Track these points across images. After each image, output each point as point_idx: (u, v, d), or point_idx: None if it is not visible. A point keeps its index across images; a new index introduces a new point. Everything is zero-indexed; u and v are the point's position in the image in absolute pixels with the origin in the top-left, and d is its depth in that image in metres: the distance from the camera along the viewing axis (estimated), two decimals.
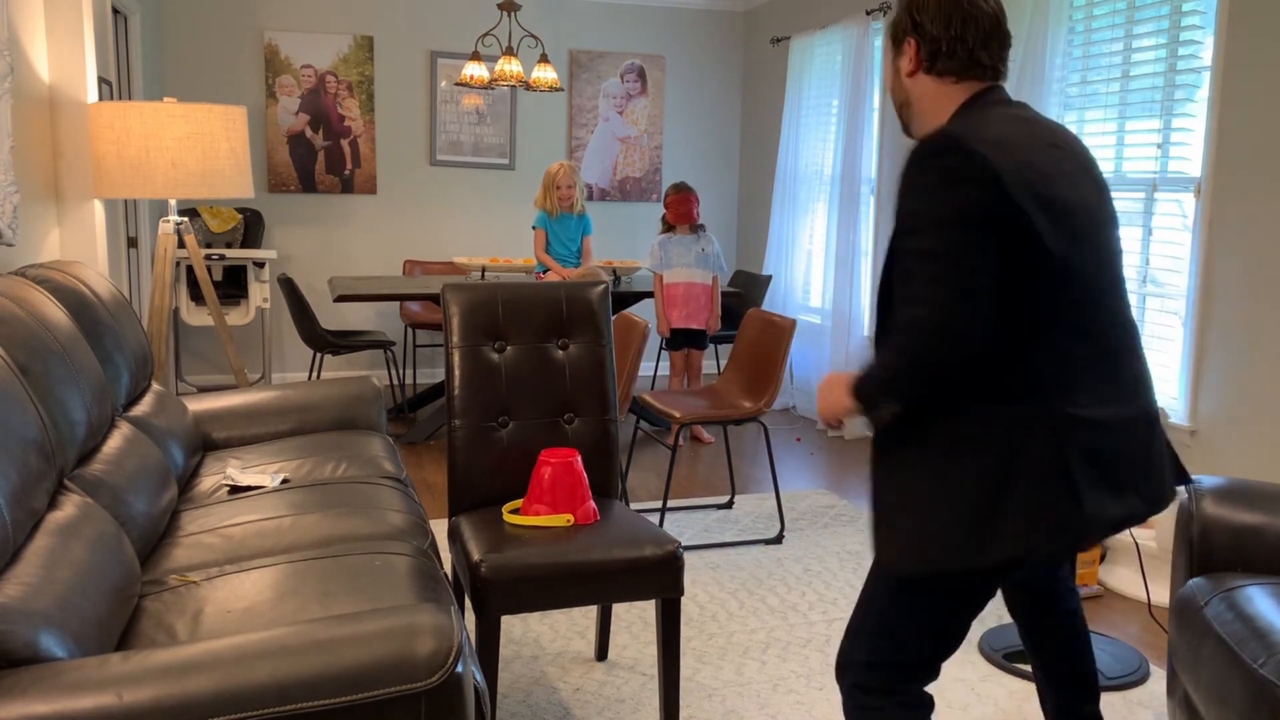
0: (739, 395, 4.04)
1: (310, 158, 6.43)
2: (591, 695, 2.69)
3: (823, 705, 2.66)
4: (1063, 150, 1.68)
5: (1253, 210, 3.42)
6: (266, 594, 1.93)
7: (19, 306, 2.11)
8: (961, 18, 1.70)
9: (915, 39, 1.74)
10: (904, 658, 1.73)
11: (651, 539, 2.36)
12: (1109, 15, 4.03)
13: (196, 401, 3.17)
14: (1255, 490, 2.24)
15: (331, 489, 2.58)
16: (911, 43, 1.75)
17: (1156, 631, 3.17)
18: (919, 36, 1.74)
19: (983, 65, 1.72)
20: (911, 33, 1.75)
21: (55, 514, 1.80)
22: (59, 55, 3.33)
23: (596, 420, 2.69)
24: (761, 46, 6.91)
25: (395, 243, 6.68)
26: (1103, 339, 1.66)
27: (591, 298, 2.73)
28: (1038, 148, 1.64)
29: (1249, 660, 1.79)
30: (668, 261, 5.28)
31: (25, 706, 1.28)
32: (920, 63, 1.75)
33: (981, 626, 3.14)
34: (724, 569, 3.60)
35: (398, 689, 1.37)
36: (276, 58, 6.28)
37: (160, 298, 3.73)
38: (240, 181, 3.51)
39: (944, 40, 1.71)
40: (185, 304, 5.72)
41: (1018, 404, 1.61)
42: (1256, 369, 3.42)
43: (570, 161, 5.50)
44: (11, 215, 2.84)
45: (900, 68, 1.79)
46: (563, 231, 5.43)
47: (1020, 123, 1.67)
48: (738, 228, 7.36)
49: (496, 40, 5.82)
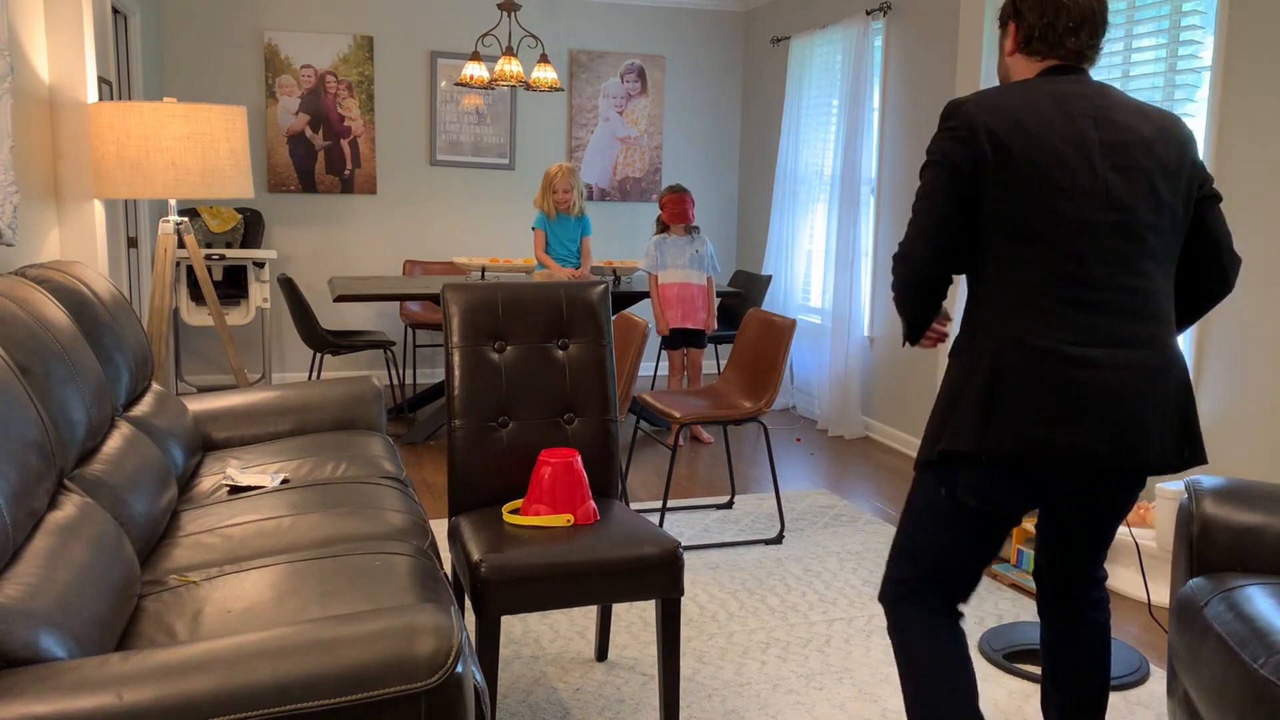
0: (739, 395, 4.04)
1: (310, 158, 6.43)
2: (591, 695, 2.69)
3: (823, 705, 2.66)
4: (1097, 123, 1.84)
5: (1253, 210, 3.42)
6: (266, 594, 1.93)
7: (19, 306, 2.12)
8: (1055, 7, 1.90)
9: (1015, 24, 1.96)
10: (920, 570, 2.01)
11: (651, 539, 2.36)
12: (1109, 15, 4.03)
13: (196, 401, 3.17)
14: (1255, 490, 2.24)
15: (331, 489, 2.58)
16: (1013, 26, 1.97)
17: (1156, 631, 3.17)
18: (1018, 22, 1.95)
19: (1068, 49, 1.91)
20: (1013, 18, 1.96)
21: (55, 514, 1.80)
22: (59, 55, 3.33)
23: (596, 420, 2.69)
24: (761, 46, 6.91)
25: (395, 243, 6.68)
26: (1092, 288, 1.81)
27: (591, 298, 2.73)
28: (1050, 112, 1.83)
29: (1249, 660, 1.79)
30: (662, 262, 5.29)
31: (25, 706, 1.28)
32: (1018, 44, 1.96)
33: (981, 627, 3.15)
34: (724, 569, 3.60)
35: (398, 689, 1.37)
36: (276, 58, 6.28)
37: (160, 298, 3.73)
38: (240, 181, 3.51)
39: (1038, 26, 1.91)
40: (185, 304, 5.72)
41: (985, 328, 1.87)
42: (1256, 369, 3.42)
43: (570, 163, 5.50)
44: (11, 215, 2.84)
45: (1004, 47, 2.01)
46: (562, 232, 5.43)
47: (1051, 92, 1.86)
48: (737, 228, 7.36)
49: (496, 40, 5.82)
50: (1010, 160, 1.81)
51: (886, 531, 4.02)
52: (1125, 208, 1.83)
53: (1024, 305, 1.83)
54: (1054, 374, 1.80)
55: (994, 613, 3.25)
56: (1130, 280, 1.83)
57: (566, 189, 5.32)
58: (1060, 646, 2.16)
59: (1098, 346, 1.81)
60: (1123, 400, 1.80)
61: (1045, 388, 1.80)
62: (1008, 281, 1.85)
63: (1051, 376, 1.80)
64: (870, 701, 2.68)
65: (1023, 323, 1.82)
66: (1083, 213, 1.81)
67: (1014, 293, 1.84)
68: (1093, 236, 1.82)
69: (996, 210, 1.83)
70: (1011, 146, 1.81)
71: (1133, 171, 1.84)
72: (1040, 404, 1.80)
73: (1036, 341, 1.81)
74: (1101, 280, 1.82)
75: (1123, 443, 1.81)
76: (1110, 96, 1.89)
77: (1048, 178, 1.81)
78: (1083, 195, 1.82)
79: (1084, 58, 1.93)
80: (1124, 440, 1.81)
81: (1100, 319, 1.82)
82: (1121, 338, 1.82)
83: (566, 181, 5.32)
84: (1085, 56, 1.93)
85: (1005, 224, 1.84)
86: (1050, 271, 1.82)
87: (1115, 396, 1.80)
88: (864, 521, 4.15)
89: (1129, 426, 1.81)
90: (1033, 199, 1.81)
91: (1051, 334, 1.81)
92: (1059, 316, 1.81)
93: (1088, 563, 2.12)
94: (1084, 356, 1.80)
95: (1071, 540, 2.09)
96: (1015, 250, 1.84)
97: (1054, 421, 1.79)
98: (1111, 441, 1.80)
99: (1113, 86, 1.93)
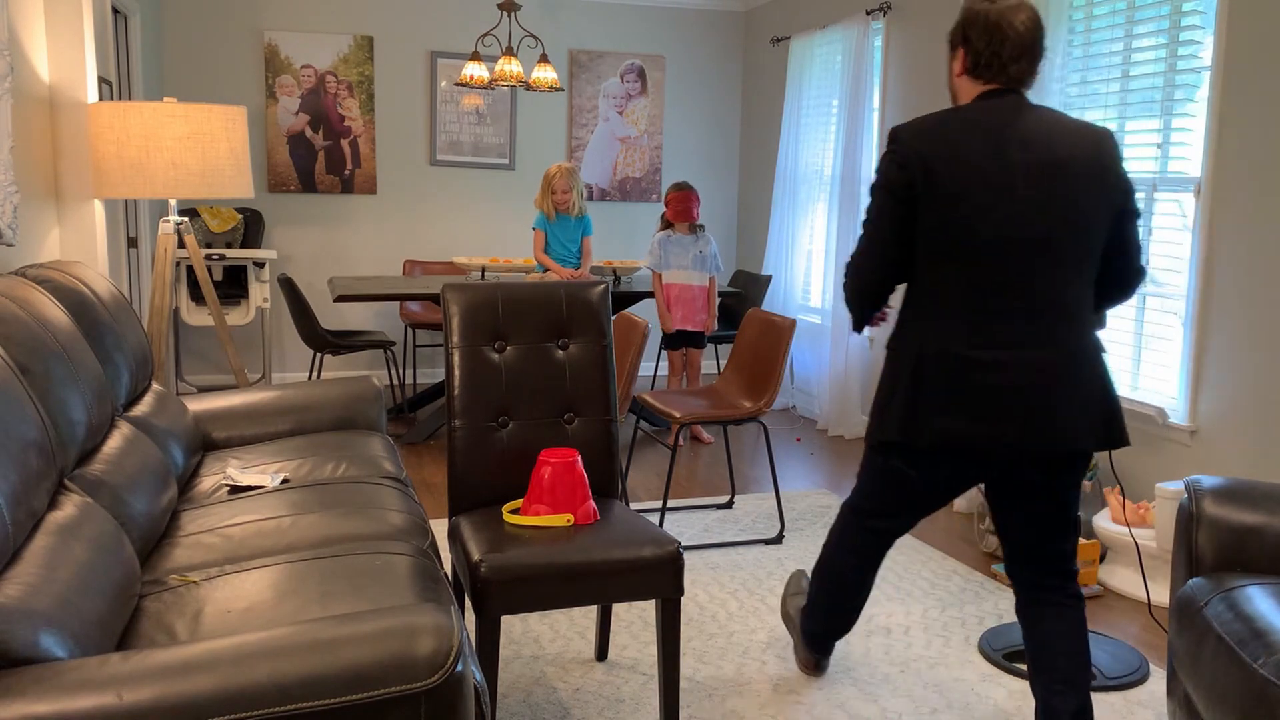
0: (739, 395, 4.05)
1: (310, 158, 6.43)
2: (591, 695, 2.69)
3: (823, 705, 2.66)
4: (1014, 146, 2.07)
5: (1253, 210, 3.42)
6: (266, 594, 1.93)
7: (19, 306, 2.12)
8: (1000, 37, 2.11)
9: (964, 49, 2.18)
10: (867, 504, 2.43)
11: (651, 539, 2.36)
12: (1109, 15, 4.03)
13: (196, 401, 3.17)
14: (1255, 490, 2.24)
15: (331, 489, 2.58)
16: (961, 51, 2.19)
17: (1156, 631, 3.17)
18: (966, 48, 2.17)
19: (1010, 75, 2.13)
20: (962, 44, 2.18)
21: (55, 514, 1.80)
22: (59, 55, 3.33)
23: (597, 420, 2.69)
24: (761, 46, 6.91)
25: (395, 243, 6.69)
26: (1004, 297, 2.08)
27: (592, 298, 2.73)
28: (978, 139, 2.08)
29: (1249, 660, 1.79)
30: (665, 262, 5.29)
31: (25, 706, 1.28)
32: (965, 68, 2.19)
33: (981, 627, 3.15)
34: (724, 569, 3.60)
35: (398, 689, 1.37)
36: (276, 58, 6.28)
37: (160, 298, 3.73)
38: (240, 181, 3.51)
39: (984, 54, 2.14)
40: (185, 304, 5.72)
41: (914, 333, 2.17)
42: (1256, 369, 3.42)
43: (570, 164, 5.49)
44: (11, 215, 2.84)
45: (952, 69, 2.24)
46: (562, 233, 5.43)
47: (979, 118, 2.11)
48: (738, 228, 7.36)
49: (496, 40, 5.82)
50: (937, 185, 2.07)
51: None
52: (1041, 225, 2.06)
53: (945, 315, 2.12)
54: (966, 377, 2.09)
55: (994, 613, 3.25)
56: (1043, 288, 2.08)
57: (565, 189, 5.32)
58: (1035, 622, 2.32)
59: (1008, 349, 2.08)
60: (1028, 394, 2.07)
61: (959, 389, 2.10)
62: (934, 293, 2.14)
63: (964, 379, 2.10)
64: (870, 701, 2.69)
65: (943, 332, 2.12)
66: (1002, 231, 2.06)
67: (938, 303, 2.13)
68: (1009, 253, 2.07)
69: (926, 229, 2.10)
70: (939, 172, 2.07)
71: (1053, 189, 2.06)
72: (955, 402, 2.10)
73: (953, 349, 2.11)
74: (1015, 290, 2.08)
75: (1029, 430, 2.08)
76: (1042, 120, 2.11)
77: (969, 200, 2.06)
78: (1001, 215, 2.06)
79: (1023, 83, 2.16)
80: (1031, 428, 2.08)
81: (1013, 325, 2.08)
82: (1031, 340, 2.08)
83: (565, 182, 5.32)
84: (1024, 82, 2.16)
85: (933, 242, 2.11)
86: (970, 284, 2.09)
87: (1020, 392, 2.07)
88: None
89: (1035, 416, 2.07)
90: (956, 220, 2.07)
91: (966, 341, 2.10)
92: (973, 325, 2.10)
93: (1049, 555, 2.29)
94: (994, 360, 2.08)
95: (1021, 526, 2.29)
96: (941, 265, 2.11)
97: (968, 417, 2.10)
98: (1020, 430, 2.08)
99: (1049, 109, 2.15)
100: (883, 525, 2.43)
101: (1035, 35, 2.14)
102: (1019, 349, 2.08)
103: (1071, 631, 2.29)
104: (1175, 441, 3.71)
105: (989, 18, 2.12)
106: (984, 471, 2.23)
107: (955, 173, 2.06)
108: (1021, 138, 2.08)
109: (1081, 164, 2.08)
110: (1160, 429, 3.75)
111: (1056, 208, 2.07)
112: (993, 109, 2.12)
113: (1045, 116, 2.12)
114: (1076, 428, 2.10)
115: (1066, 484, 2.22)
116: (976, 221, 2.06)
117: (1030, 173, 2.06)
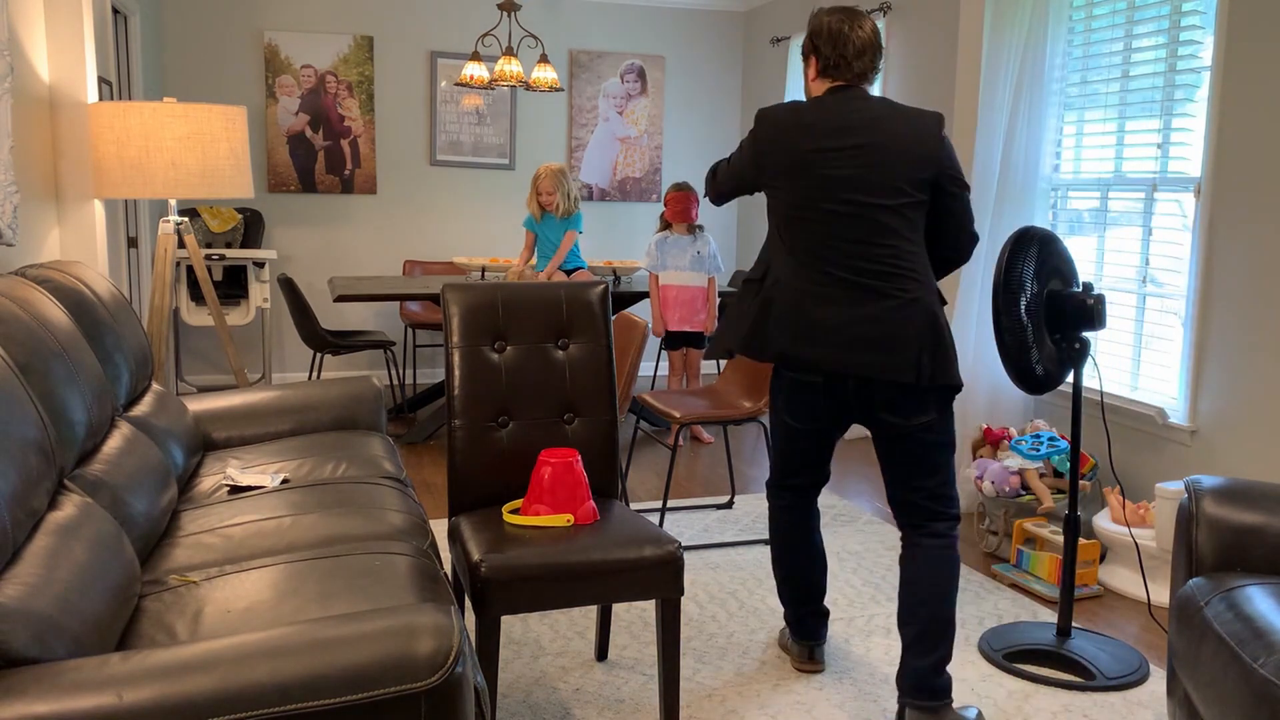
0: (739, 395, 4.04)
1: (310, 158, 6.43)
2: (591, 695, 2.69)
3: (823, 705, 2.66)
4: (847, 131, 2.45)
5: (1253, 210, 3.42)
6: (266, 594, 1.93)
7: (19, 306, 2.11)
8: (843, 40, 2.50)
9: (815, 57, 2.55)
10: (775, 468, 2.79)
11: (651, 539, 2.36)
12: (1109, 15, 4.03)
13: (196, 401, 3.17)
14: (1255, 490, 2.24)
15: (331, 489, 2.58)
16: (813, 59, 2.56)
17: (1156, 631, 3.17)
18: (817, 55, 2.54)
19: (855, 72, 2.52)
20: (813, 53, 2.55)
21: (55, 514, 1.80)
22: (59, 55, 3.33)
23: (597, 420, 2.69)
24: (761, 46, 6.91)
25: (395, 243, 6.69)
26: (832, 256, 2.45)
27: (592, 298, 2.73)
28: (811, 124, 2.47)
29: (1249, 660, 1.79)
30: (663, 263, 5.29)
31: (25, 706, 1.28)
32: (818, 72, 2.56)
33: (981, 627, 3.15)
34: (724, 569, 3.60)
35: (398, 689, 1.37)
36: (276, 58, 6.28)
37: (160, 298, 3.73)
38: (240, 181, 3.51)
39: (831, 58, 2.52)
40: (185, 304, 5.72)
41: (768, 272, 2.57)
42: (1256, 369, 3.41)
43: (558, 165, 5.47)
44: (11, 215, 2.84)
45: (807, 75, 2.61)
46: (550, 233, 5.44)
47: (823, 107, 2.49)
48: (737, 228, 7.37)
49: (496, 40, 5.82)
50: (776, 165, 2.51)
51: (887, 531, 4.02)
52: (861, 198, 2.42)
53: (791, 264, 2.51)
54: (800, 309, 2.47)
55: (994, 613, 3.25)
56: (866, 250, 2.43)
57: (550, 190, 5.33)
58: (902, 572, 2.55)
59: (836, 287, 2.44)
60: (851, 329, 2.42)
61: (794, 318, 2.48)
62: (781, 246, 2.54)
63: (799, 310, 2.47)
64: (870, 701, 2.69)
65: (787, 274, 2.51)
66: (827, 204, 2.45)
67: (784, 254, 2.53)
68: (834, 220, 2.44)
69: (770, 198, 2.56)
70: (778, 156, 2.50)
71: (876, 168, 2.42)
72: (789, 328, 2.48)
73: (793, 285, 2.49)
74: (844, 251, 2.44)
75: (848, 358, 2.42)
76: (876, 108, 2.47)
77: (800, 178, 2.47)
78: (824, 191, 2.44)
79: (865, 78, 2.54)
80: (850, 357, 2.42)
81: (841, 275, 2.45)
82: (856, 287, 2.43)
83: (550, 183, 5.33)
84: (866, 77, 2.54)
85: (775, 210, 2.55)
86: (806, 243, 2.48)
87: (843, 327, 2.43)
88: (864, 521, 4.15)
89: (854, 347, 2.42)
90: (788, 195, 2.49)
91: (803, 284, 2.48)
92: (810, 272, 2.47)
93: (912, 493, 2.53)
94: (824, 296, 2.45)
95: (884, 466, 2.57)
96: (784, 227, 2.53)
97: (796, 339, 2.47)
98: (838, 357, 2.43)
99: (886, 99, 2.52)
100: (793, 483, 2.75)
101: (875, 38, 2.53)
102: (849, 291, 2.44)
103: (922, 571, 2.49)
104: (1175, 441, 3.71)
105: (831, 27, 2.51)
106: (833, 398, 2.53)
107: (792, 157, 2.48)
108: (855, 124, 2.45)
109: (905, 144, 2.43)
110: (1160, 429, 3.75)
111: (877, 183, 2.43)
112: (835, 101, 2.49)
113: (882, 106, 2.47)
114: (898, 361, 2.40)
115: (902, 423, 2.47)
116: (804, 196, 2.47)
117: (857, 153, 2.43)
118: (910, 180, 2.44)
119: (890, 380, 2.42)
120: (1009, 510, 3.74)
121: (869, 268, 2.43)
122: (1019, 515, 3.71)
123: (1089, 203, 4.19)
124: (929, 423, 2.47)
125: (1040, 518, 3.66)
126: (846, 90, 2.52)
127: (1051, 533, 3.50)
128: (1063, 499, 3.72)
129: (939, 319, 2.44)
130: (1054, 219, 4.33)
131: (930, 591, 2.48)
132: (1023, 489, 3.77)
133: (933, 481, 2.52)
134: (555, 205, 5.35)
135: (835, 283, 2.45)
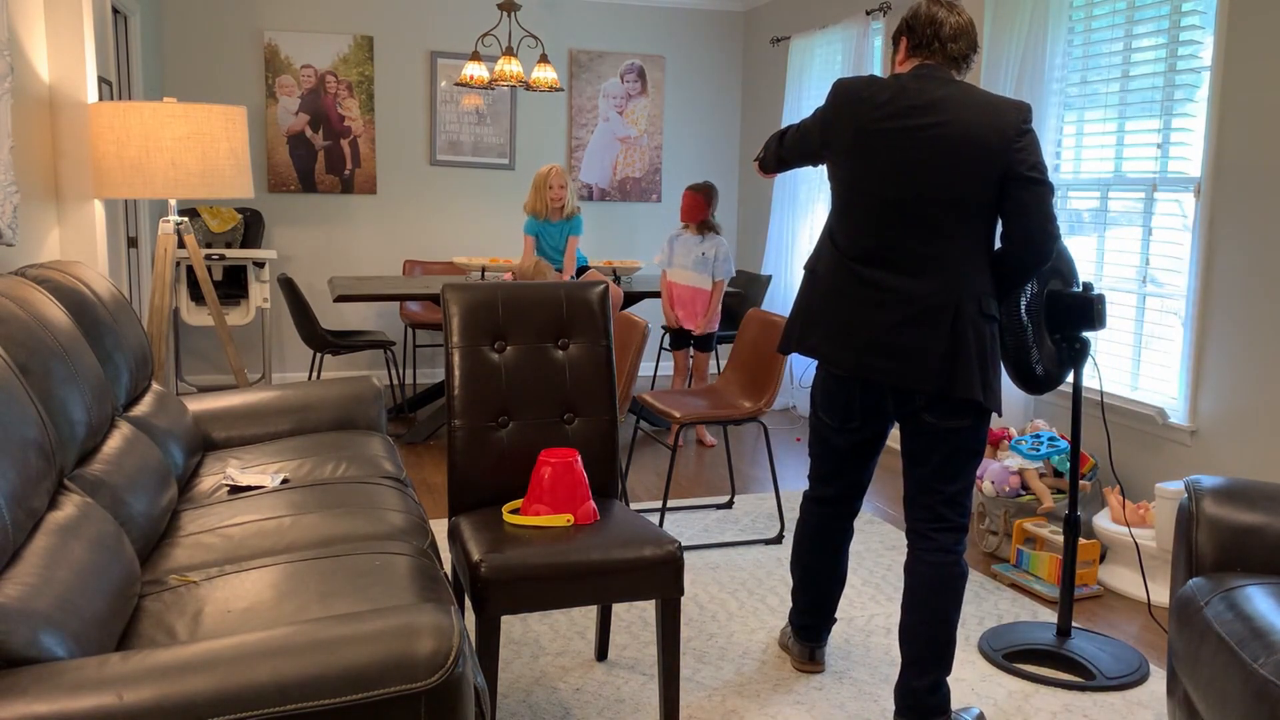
0: (739, 395, 4.05)
1: (310, 158, 6.43)
2: (591, 695, 2.69)
3: (823, 705, 2.66)
4: (916, 111, 2.36)
5: (1253, 210, 3.42)
6: (266, 594, 1.93)
7: (19, 306, 2.11)
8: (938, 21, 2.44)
9: (906, 38, 2.50)
10: (811, 475, 2.77)
11: (651, 539, 2.36)
12: (1109, 15, 4.03)
13: (196, 401, 3.17)
14: (1255, 490, 2.24)
15: (331, 489, 2.58)
16: (904, 40, 2.51)
17: (1157, 631, 3.17)
18: (909, 36, 2.49)
19: (947, 54, 2.44)
20: (905, 33, 2.50)
21: (55, 514, 1.80)
22: (59, 55, 3.33)
23: (597, 420, 2.69)
24: (761, 46, 6.91)
25: (395, 243, 6.69)
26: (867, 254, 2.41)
27: (591, 298, 2.73)
28: (883, 100, 2.40)
29: (1249, 660, 1.79)
30: (670, 260, 5.28)
31: (25, 706, 1.28)
32: (908, 53, 2.51)
33: (981, 627, 3.15)
34: (724, 569, 3.60)
35: (398, 689, 1.37)
36: (276, 58, 6.28)
37: (160, 298, 3.73)
38: (240, 181, 3.51)
39: (923, 37, 2.46)
40: (185, 304, 5.72)
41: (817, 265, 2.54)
42: (1256, 369, 3.42)
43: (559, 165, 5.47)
44: (11, 215, 2.84)
45: (896, 60, 2.55)
46: (553, 236, 5.42)
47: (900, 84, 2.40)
48: (737, 228, 7.36)
49: (496, 40, 5.82)
50: (839, 137, 2.46)
51: (886, 531, 4.02)
52: (915, 190, 2.34)
53: (834, 259, 2.47)
54: (833, 308, 2.45)
55: (994, 613, 3.25)
56: (908, 250, 2.36)
57: (561, 186, 5.28)
58: (906, 580, 2.52)
59: (870, 289, 2.40)
60: (876, 334, 2.39)
61: (828, 316, 2.46)
62: (829, 237, 2.52)
63: (832, 310, 2.45)
64: (870, 701, 2.69)
65: (828, 269, 2.49)
66: (879, 192, 2.38)
67: (830, 245, 2.50)
68: (883, 212, 2.38)
69: (830, 177, 2.52)
70: (842, 127, 2.44)
71: (938, 157, 2.32)
72: (822, 326, 2.48)
73: (829, 283, 2.47)
74: (885, 248, 2.38)
75: (873, 363, 2.40)
76: (954, 93, 2.36)
77: (858, 156, 2.41)
78: (879, 176, 2.38)
79: (956, 64, 2.45)
80: (874, 362, 2.40)
81: (876, 275, 2.39)
82: (889, 290, 2.38)
83: (561, 179, 5.27)
84: (958, 63, 2.45)
85: (833, 191, 2.51)
86: (851, 235, 2.44)
87: (869, 330, 2.39)
88: (864, 521, 4.15)
89: (878, 353, 2.39)
90: (845, 172, 2.45)
91: (839, 283, 2.45)
92: (848, 269, 2.44)
93: (926, 491, 2.49)
94: (856, 297, 2.42)
95: (911, 460, 2.51)
96: (835, 215, 2.50)
97: (829, 338, 2.46)
98: (864, 361, 2.41)
99: (971, 86, 2.40)
100: (825, 493, 2.72)
101: (971, 28, 2.46)
102: (891, 292, 2.38)
103: (924, 591, 2.46)
104: (1175, 441, 3.71)
105: (929, 9, 2.46)
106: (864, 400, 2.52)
107: (856, 141, 2.41)
108: (925, 105, 2.36)
109: (979, 133, 2.32)
110: (1160, 429, 3.75)
111: (939, 174, 2.33)
112: (914, 80, 2.40)
113: (961, 92, 2.36)
114: (915, 371, 2.35)
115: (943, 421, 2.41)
116: (862, 184, 2.42)
117: (922, 141, 2.34)
118: (974, 175, 2.32)
119: (911, 389, 2.40)
120: (1009, 510, 3.74)
121: (908, 266, 2.36)
122: (1019, 515, 3.71)
123: (1089, 202, 4.19)
124: (963, 428, 2.42)
125: (1040, 518, 3.66)
126: (932, 70, 2.42)
127: (1051, 533, 3.50)
128: (1063, 499, 3.72)
129: (969, 331, 2.34)
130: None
131: (930, 614, 2.45)
132: (1023, 489, 3.77)
133: (953, 487, 2.48)
134: (565, 202, 5.33)
135: (869, 284, 2.40)
